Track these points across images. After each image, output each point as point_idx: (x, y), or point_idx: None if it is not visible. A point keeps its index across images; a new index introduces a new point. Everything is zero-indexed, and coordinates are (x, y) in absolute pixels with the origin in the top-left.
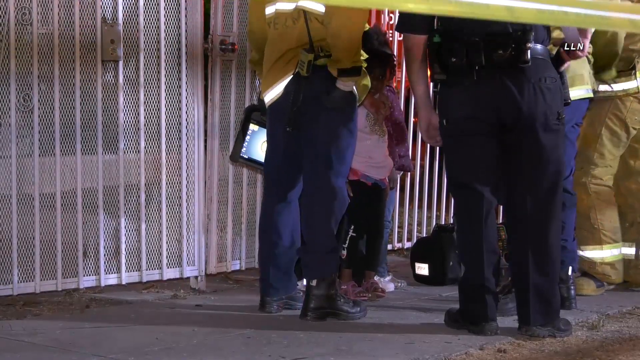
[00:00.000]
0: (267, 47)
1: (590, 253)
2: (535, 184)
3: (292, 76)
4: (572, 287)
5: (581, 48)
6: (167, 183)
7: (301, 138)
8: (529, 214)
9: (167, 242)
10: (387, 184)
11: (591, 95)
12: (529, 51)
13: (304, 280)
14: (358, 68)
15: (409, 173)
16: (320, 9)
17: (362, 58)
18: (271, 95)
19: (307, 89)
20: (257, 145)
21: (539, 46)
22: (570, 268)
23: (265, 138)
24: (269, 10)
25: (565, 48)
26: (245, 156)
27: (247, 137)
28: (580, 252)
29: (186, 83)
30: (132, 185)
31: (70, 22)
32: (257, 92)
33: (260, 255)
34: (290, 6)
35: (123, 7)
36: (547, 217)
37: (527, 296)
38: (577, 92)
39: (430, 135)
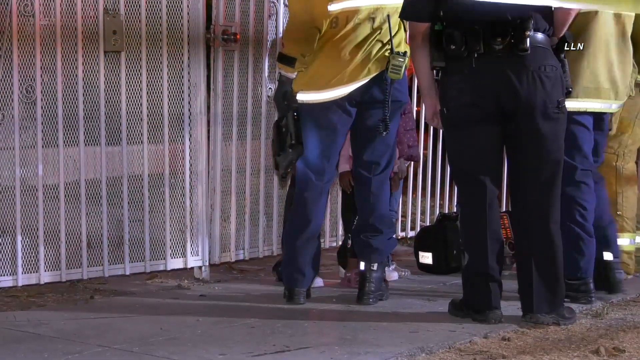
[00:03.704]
0: (336, 44)
1: None
2: (535, 172)
3: (372, 77)
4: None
5: (580, 48)
6: (170, 173)
7: (369, 135)
8: (530, 202)
9: (170, 233)
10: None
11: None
12: (528, 39)
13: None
14: None
15: (412, 162)
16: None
17: None
18: (339, 92)
19: (392, 91)
20: None
21: (539, 35)
22: (608, 254)
23: None
24: (343, 5)
25: (566, 48)
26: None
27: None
28: None
29: (188, 73)
30: (135, 176)
31: (72, 13)
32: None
33: (298, 245)
34: (374, 1)
35: None
36: (547, 205)
37: (531, 283)
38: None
39: (436, 123)
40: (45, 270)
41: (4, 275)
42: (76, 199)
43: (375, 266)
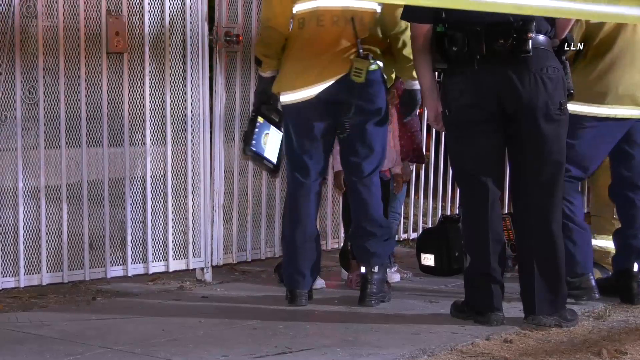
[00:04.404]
0: (301, 45)
1: (604, 242)
2: (537, 173)
3: (337, 79)
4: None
5: (580, 47)
6: (172, 175)
7: (348, 138)
8: (532, 203)
9: (172, 234)
10: (389, 175)
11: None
12: (530, 41)
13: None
14: None
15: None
16: (374, 6)
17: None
18: (307, 94)
19: (359, 93)
20: (261, 138)
21: (541, 37)
22: (636, 264)
23: (267, 131)
24: (305, 6)
25: (566, 48)
26: (254, 149)
27: (256, 130)
28: (594, 241)
29: (191, 75)
30: (137, 177)
31: (75, 14)
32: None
33: (294, 246)
34: (338, 3)
35: None
36: (549, 206)
37: (533, 285)
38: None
39: (440, 127)
40: (47, 272)
41: (6, 276)
42: (78, 200)
43: (376, 268)
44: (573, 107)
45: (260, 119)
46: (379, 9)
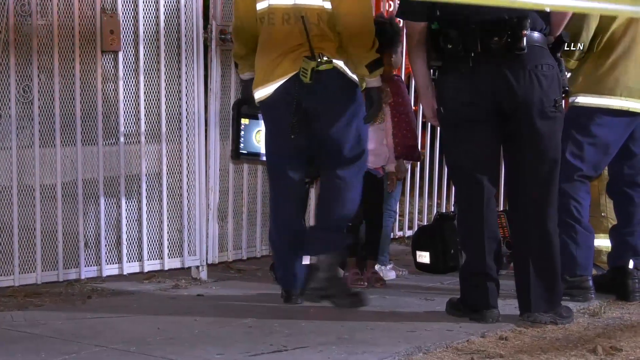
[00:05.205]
0: (261, 43)
1: (596, 241)
2: (533, 170)
3: (288, 78)
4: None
5: (580, 47)
6: (167, 173)
7: (314, 136)
8: (527, 201)
9: (168, 232)
10: (382, 173)
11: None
12: (524, 38)
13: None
14: (380, 57)
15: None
16: (325, 4)
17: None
18: (265, 92)
19: (311, 94)
20: (252, 137)
21: (535, 34)
22: (631, 262)
23: (258, 128)
24: (262, 5)
25: (566, 48)
26: (244, 152)
27: (242, 133)
28: None
29: (186, 73)
30: (132, 176)
31: (69, 12)
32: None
33: (281, 247)
34: (287, 0)
35: None
36: (545, 203)
37: (528, 282)
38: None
39: (437, 122)
40: (42, 270)
41: (1, 275)
42: (73, 199)
43: (312, 259)
44: (585, 100)
45: (244, 120)
46: (327, 5)
